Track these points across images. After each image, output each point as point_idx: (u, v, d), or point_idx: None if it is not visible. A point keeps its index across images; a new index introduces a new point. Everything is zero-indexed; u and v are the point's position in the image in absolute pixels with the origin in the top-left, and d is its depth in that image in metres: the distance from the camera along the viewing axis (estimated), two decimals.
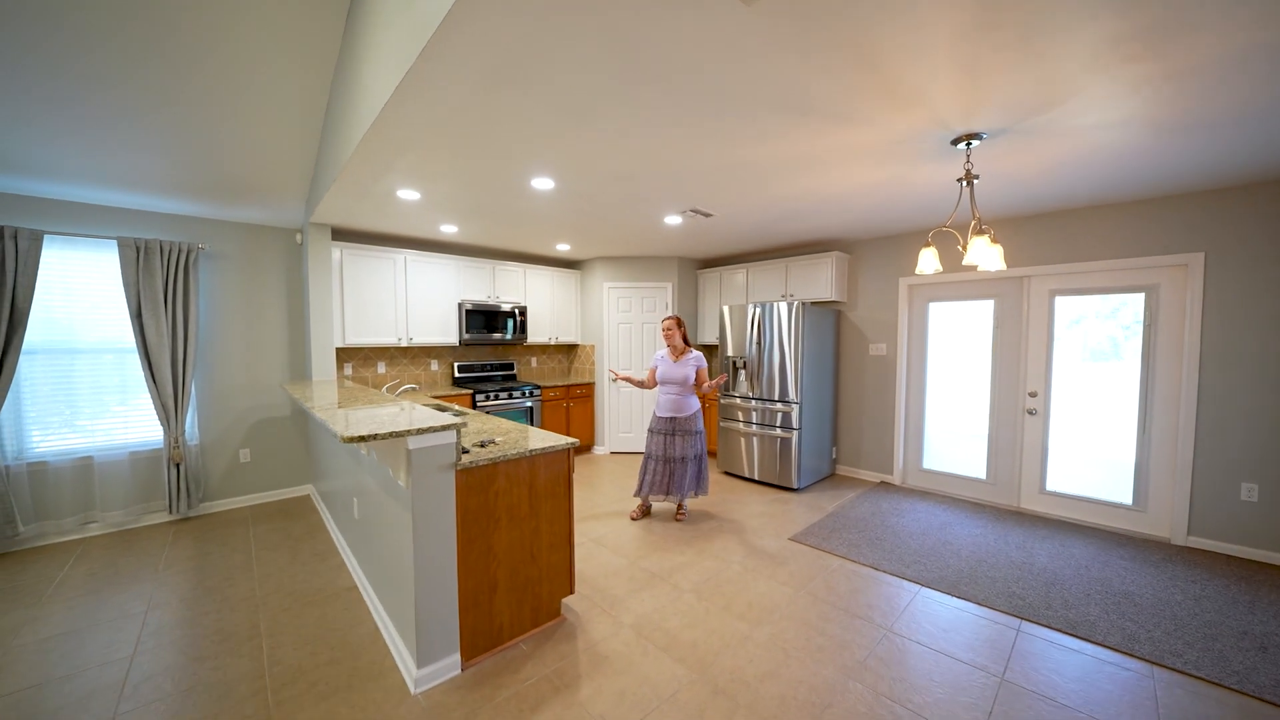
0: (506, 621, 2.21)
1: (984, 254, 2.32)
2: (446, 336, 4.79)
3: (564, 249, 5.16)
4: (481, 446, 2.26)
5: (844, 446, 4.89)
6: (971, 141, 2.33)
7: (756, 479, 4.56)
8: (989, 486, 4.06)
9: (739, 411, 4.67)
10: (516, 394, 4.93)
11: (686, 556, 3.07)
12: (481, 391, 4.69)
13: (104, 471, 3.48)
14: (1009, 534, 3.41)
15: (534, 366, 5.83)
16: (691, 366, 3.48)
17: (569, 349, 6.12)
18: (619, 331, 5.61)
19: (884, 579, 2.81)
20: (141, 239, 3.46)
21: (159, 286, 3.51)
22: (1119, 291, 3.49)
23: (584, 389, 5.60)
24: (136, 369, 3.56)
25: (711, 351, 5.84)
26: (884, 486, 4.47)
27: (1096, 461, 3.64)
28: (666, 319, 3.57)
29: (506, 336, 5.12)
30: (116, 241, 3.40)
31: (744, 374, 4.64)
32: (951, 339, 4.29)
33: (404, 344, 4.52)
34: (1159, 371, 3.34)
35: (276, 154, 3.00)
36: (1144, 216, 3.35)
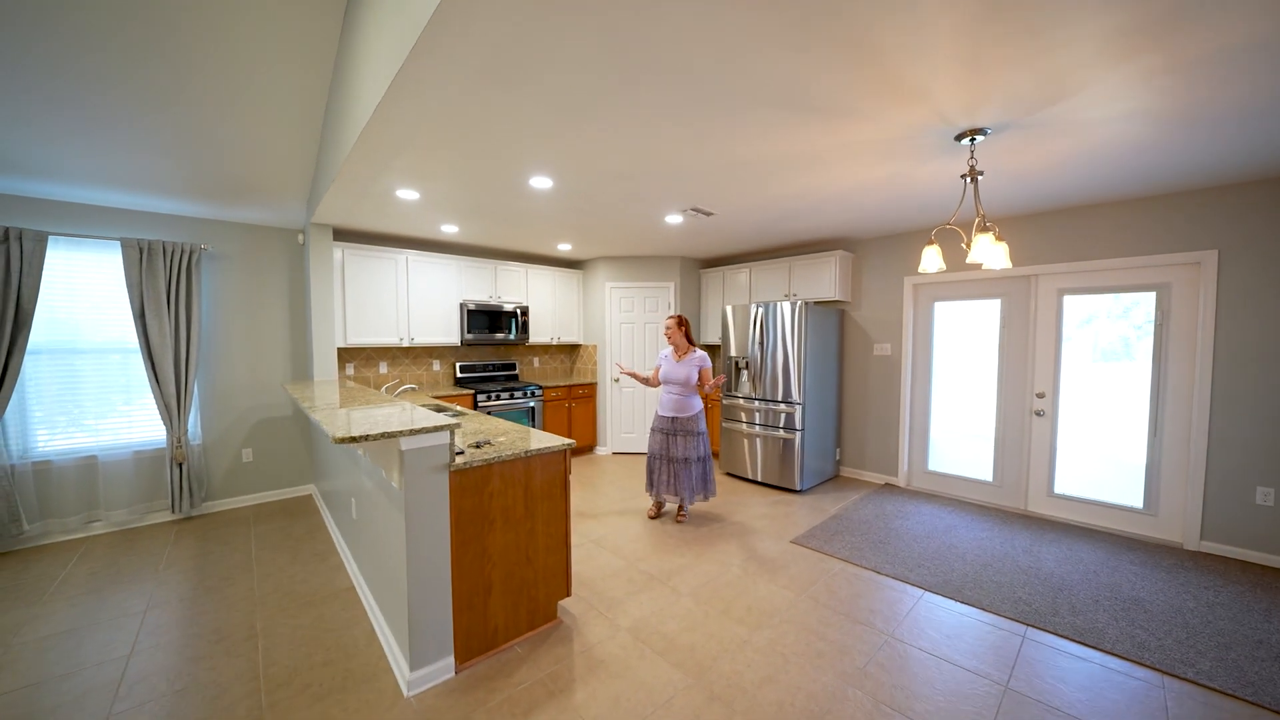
0: (501, 624, 2.19)
1: (988, 252, 2.27)
2: (448, 337, 4.79)
3: (565, 249, 5.14)
4: (477, 447, 2.24)
5: (848, 448, 4.83)
6: (975, 137, 2.28)
7: (759, 480, 4.52)
8: (995, 489, 3.99)
9: (741, 412, 4.62)
10: (518, 394, 4.92)
11: (686, 559, 3.04)
12: (483, 392, 4.68)
13: (108, 471, 3.51)
14: (1015, 538, 3.35)
15: (536, 367, 5.82)
16: (693, 366, 3.44)
17: (571, 349, 6.10)
18: (621, 331, 5.58)
19: (886, 583, 2.76)
20: (145, 240, 3.48)
21: (162, 287, 3.53)
22: (1129, 290, 3.42)
23: (586, 389, 5.58)
24: (140, 369, 3.58)
25: (714, 351, 5.80)
26: (888, 488, 4.41)
27: (1106, 464, 3.57)
28: (668, 318, 3.55)
29: (508, 337, 5.12)
30: (120, 242, 3.43)
31: (746, 374, 4.59)
32: (957, 339, 4.22)
33: (406, 344, 4.52)
34: (1171, 372, 3.27)
35: (277, 154, 3.00)
36: (1155, 213, 3.28)
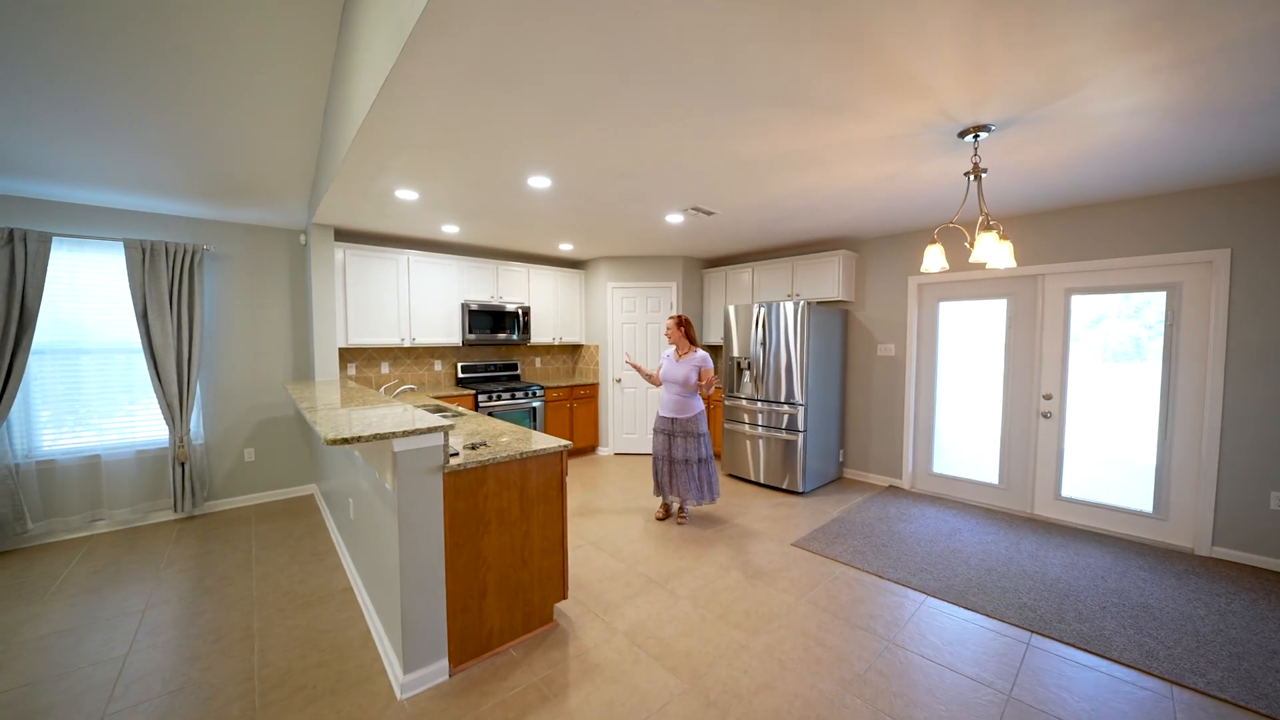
0: (496, 627, 2.17)
1: (992, 251, 2.22)
2: (450, 337, 4.78)
3: (567, 249, 5.12)
4: (472, 449, 2.23)
5: (851, 449, 4.78)
6: (979, 134, 2.23)
7: (761, 482, 4.48)
8: (1001, 492, 3.93)
9: (744, 413, 4.59)
10: (520, 395, 4.91)
11: (685, 562, 3.01)
12: (484, 392, 4.68)
13: (111, 470, 3.53)
14: (1021, 542, 3.29)
15: (538, 367, 5.80)
16: (692, 366, 3.41)
17: (573, 349, 6.09)
18: (623, 332, 5.56)
19: (888, 588, 2.72)
20: (147, 240, 3.50)
21: (164, 287, 3.54)
22: (1138, 290, 3.35)
23: (588, 389, 5.56)
24: (143, 369, 3.60)
25: (716, 352, 5.76)
26: (892, 491, 4.36)
27: (1115, 467, 3.50)
28: (669, 318, 3.53)
29: (510, 337, 5.11)
30: (123, 243, 3.45)
31: (749, 375, 4.55)
32: (962, 339, 4.16)
33: (407, 344, 4.52)
34: (1181, 373, 3.20)
35: (277, 154, 3.00)
36: (1165, 211, 3.21)
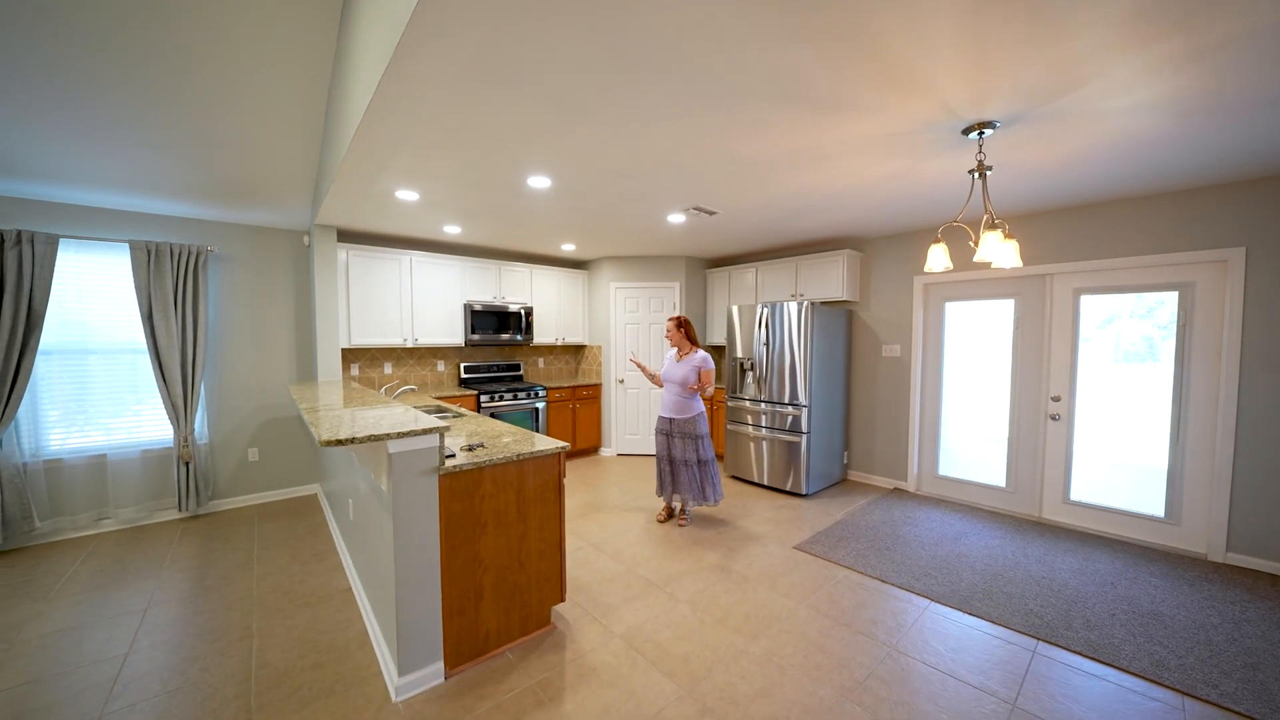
0: (493, 629, 2.16)
1: (997, 250, 2.18)
2: (452, 337, 4.79)
3: (569, 249, 5.11)
4: (469, 450, 2.22)
5: (856, 451, 4.73)
6: (984, 131, 2.19)
7: (765, 484, 4.44)
8: (1008, 495, 3.86)
9: (747, 415, 4.55)
10: (522, 395, 4.90)
11: (685, 564, 2.98)
12: (487, 392, 4.67)
13: (117, 469, 3.56)
14: (1029, 546, 3.23)
15: (541, 367, 5.80)
16: (691, 367, 3.39)
17: (576, 350, 6.08)
18: (626, 332, 5.54)
19: (891, 592, 2.68)
20: (152, 242, 3.53)
21: (169, 288, 3.57)
22: (1149, 290, 3.27)
23: (591, 390, 5.55)
24: (148, 369, 3.63)
25: (719, 352, 5.73)
26: (897, 493, 4.30)
27: (1126, 470, 3.43)
28: (669, 319, 3.51)
29: (513, 337, 5.10)
30: (128, 244, 3.48)
31: (752, 376, 4.52)
32: (969, 340, 4.10)
33: (410, 345, 4.53)
34: (1195, 374, 3.12)
35: (280, 155, 3.01)
36: (1177, 209, 3.14)
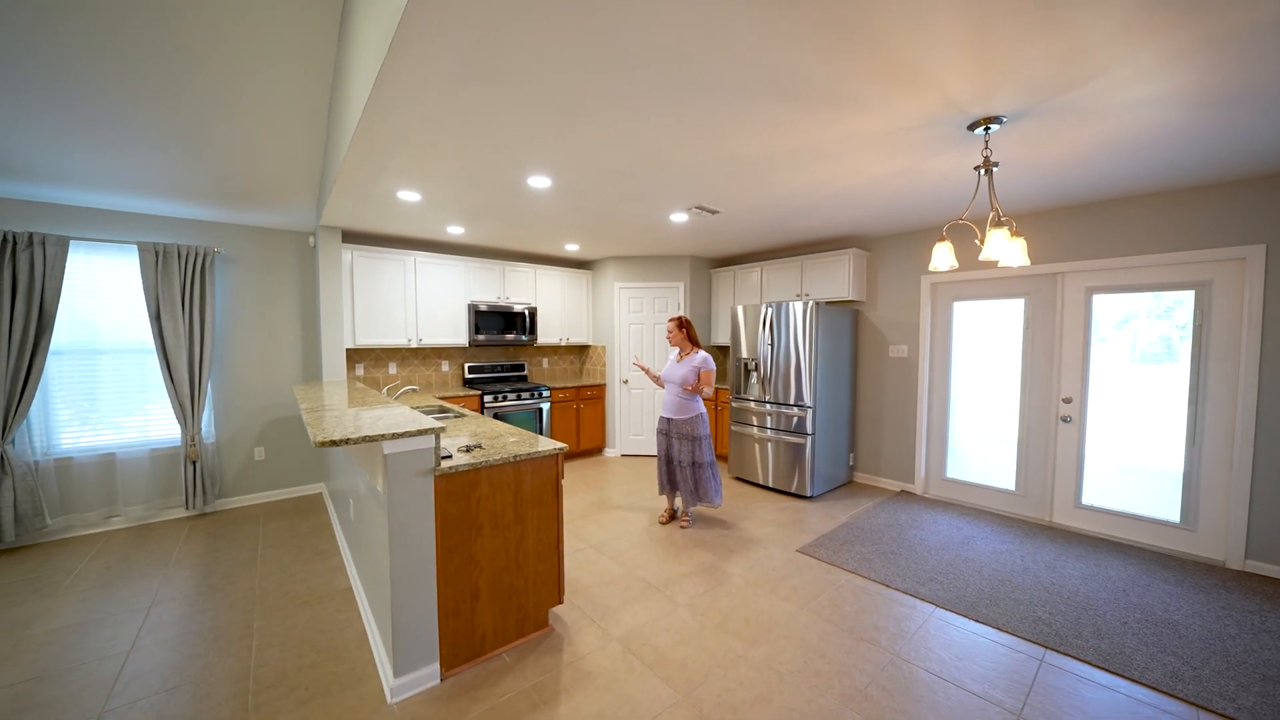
0: (490, 631, 2.15)
1: (1003, 248, 2.12)
2: (456, 338, 4.80)
3: (573, 249, 5.10)
4: (467, 451, 2.21)
5: (862, 453, 4.67)
6: (990, 126, 2.13)
7: (769, 486, 4.40)
8: (1018, 498, 3.78)
9: (751, 415, 4.51)
10: (526, 395, 4.90)
11: (686, 567, 2.96)
12: (491, 393, 4.68)
13: (126, 468, 3.61)
14: (1038, 551, 3.16)
15: (545, 367, 5.80)
16: (691, 368, 3.36)
17: (580, 350, 6.07)
18: (631, 332, 5.52)
19: (895, 597, 2.63)
20: (160, 243, 3.57)
21: (176, 289, 3.62)
22: (1164, 289, 3.19)
23: (595, 390, 5.53)
24: (156, 369, 3.68)
25: (724, 353, 5.69)
26: (904, 496, 4.24)
27: (1140, 473, 3.34)
28: (669, 320, 3.49)
29: (518, 338, 5.10)
30: (137, 246, 3.53)
31: (756, 376, 4.48)
32: (978, 340, 4.02)
33: (414, 345, 4.55)
34: (1212, 375, 3.03)
35: (284, 157, 3.03)
36: (1193, 206, 3.05)
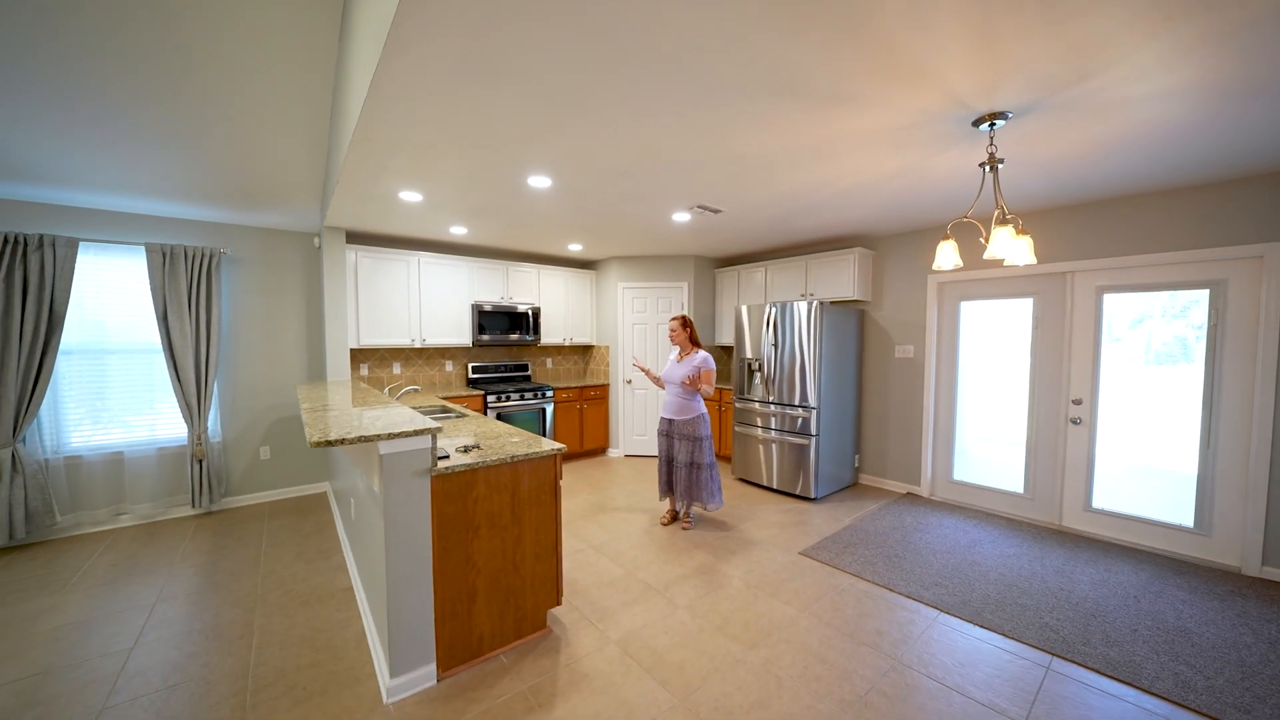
0: (487, 632, 2.14)
1: (1009, 246, 2.08)
2: (460, 338, 4.81)
3: (576, 249, 5.10)
4: (465, 451, 2.21)
5: (868, 454, 4.61)
6: (994, 122, 2.09)
7: (773, 487, 4.36)
8: (1026, 501, 3.72)
9: (755, 416, 4.47)
10: (530, 395, 4.90)
11: (687, 569, 2.93)
12: (494, 393, 4.68)
13: (133, 466, 3.66)
14: (1047, 556, 3.10)
15: (549, 368, 5.80)
16: (691, 368, 3.33)
17: (584, 350, 6.06)
18: (634, 332, 5.50)
19: (899, 602, 2.59)
20: (167, 244, 3.61)
21: (183, 290, 3.65)
22: (1176, 288, 3.11)
23: (598, 390, 5.52)
24: (164, 369, 3.72)
25: (727, 353, 5.65)
26: (910, 498, 4.18)
27: (1153, 476, 3.26)
28: (672, 319, 3.47)
29: (521, 338, 5.11)
30: (144, 247, 3.57)
31: (760, 377, 4.44)
32: (986, 340, 3.96)
33: (418, 345, 4.56)
34: (1227, 376, 2.96)
35: (287, 158, 3.04)
36: (1206, 203, 2.97)
